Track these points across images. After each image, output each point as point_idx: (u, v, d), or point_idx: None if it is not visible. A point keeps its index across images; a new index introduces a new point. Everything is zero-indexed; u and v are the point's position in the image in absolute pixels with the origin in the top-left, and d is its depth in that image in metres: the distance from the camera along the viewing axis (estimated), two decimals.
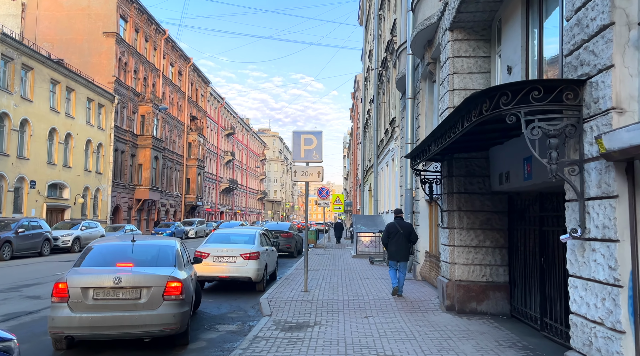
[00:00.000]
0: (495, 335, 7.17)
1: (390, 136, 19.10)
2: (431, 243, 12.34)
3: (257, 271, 11.09)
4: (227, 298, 10.59)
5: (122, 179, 39.40)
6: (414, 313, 8.69)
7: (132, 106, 41.12)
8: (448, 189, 9.06)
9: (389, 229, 10.32)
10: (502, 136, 7.45)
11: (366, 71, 35.05)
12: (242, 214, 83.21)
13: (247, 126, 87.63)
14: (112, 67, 37.68)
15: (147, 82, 44.25)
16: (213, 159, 66.19)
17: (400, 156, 16.24)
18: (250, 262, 11.04)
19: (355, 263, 17.63)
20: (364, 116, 35.67)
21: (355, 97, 52.08)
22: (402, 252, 10.05)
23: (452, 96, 8.91)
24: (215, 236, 12.28)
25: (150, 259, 6.80)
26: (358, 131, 48.91)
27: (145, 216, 44.36)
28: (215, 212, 66.73)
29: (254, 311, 9.30)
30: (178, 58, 52.47)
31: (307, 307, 8.99)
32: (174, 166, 51.28)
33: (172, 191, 50.64)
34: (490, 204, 8.84)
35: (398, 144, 16.63)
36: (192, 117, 56.61)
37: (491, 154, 8.82)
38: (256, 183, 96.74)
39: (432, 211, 12.37)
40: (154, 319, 6.03)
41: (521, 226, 8.24)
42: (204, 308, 9.39)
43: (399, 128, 16.70)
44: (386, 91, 22.01)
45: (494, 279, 8.72)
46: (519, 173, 7.36)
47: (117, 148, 38.30)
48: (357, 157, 51.34)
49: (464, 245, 8.80)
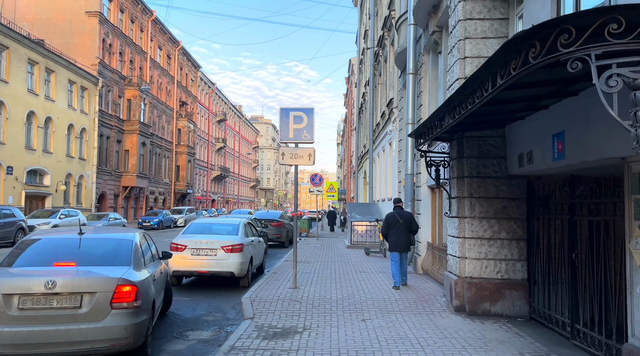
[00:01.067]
0: (518, 344, 6.04)
1: (387, 118, 17.87)
2: (434, 233, 11.19)
3: (240, 265, 9.90)
4: (205, 296, 9.40)
5: (107, 165, 37.95)
6: (418, 314, 7.55)
7: (118, 89, 39.52)
8: (458, 173, 7.88)
9: (388, 219, 9.66)
10: (526, 108, 6.25)
11: (361, 53, 33.68)
12: (235, 202, 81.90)
13: (239, 113, 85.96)
14: (95, 49, 36.02)
15: (134, 65, 42.57)
16: (204, 146, 64.64)
17: (398, 140, 15.04)
18: (232, 255, 9.84)
19: (349, 254, 16.49)
20: (359, 101, 34.38)
21: (349, 82, 50.62)
22: (403, 242, 9.45)
23: (463, 65, 7.69)
24: (195, 226, 11.05)
25: (99, 257, 5.57)
26: (352, 116, 47.61)
27: (133, 204, 43.01)
28: (206, 200, 65.39)
29: (234, 312, 8.12)
30: (166, 41, 50.69)
31: (295, 308, 7.83)
32: (163, 152, 49.79)
33: (161, 178, 49.22)
34: (506, 190, 7.67)
35: (396, 127, 15.42)
36: (181, 102, 54.99)
37: (508, 132, 7.63)
38: (249, 171, 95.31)
39: (435, 198, 11.21)
40: (98, 333, 4.82)
41: (544, 215, 7.09)
42: (177, 308, 8.20)
43: (397, 109, 15.48)
44: (383, 72, 20.73)
45: (510, 276, 7.58)
46: (546, 153, 6.18)
47: (102, 133, 36.78)
48: (351, 144, 50.12)
49: (475, 237, 7.64)
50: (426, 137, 7.19)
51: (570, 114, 5.61)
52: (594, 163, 5.18)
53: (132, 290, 5.07)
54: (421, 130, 7.36)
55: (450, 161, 8.23)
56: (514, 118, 7.06)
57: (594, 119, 5.05)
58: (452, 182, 8.12)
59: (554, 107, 5.99)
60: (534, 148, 6.61)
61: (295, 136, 9.40)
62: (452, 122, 5.45)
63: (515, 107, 6.24)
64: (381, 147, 20.53)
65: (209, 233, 10.58)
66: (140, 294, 5.19)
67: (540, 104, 6.07)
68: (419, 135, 7.67)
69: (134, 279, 5.22)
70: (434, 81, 11.10)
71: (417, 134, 7.72)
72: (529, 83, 4.83)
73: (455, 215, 7.87)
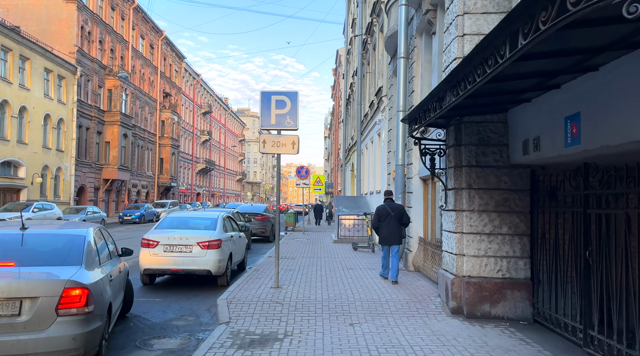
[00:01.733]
0: (524, 352, 5.37)
1: (376, 108, 17.15)
2: (426, 227, 10.53)
3: (218, 262, 9.12)
4: (179, 297, 8.62)
5: (87, 157, 36.73)
6: (411, 317, 6.87)
7: (98, 79, 38.22)
8: (455, 162, 7.19)
9: (380, 212, 9.31)
10: (533, 87, 5.56)
11: (349, 43, 32.89)
12: (220, 195, 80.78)
13: (224, 105, 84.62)
14: (73, 36, 34.69)
15: (115, 54, 41.26)
16: (188, 138, 63.39)
17: (387, 129, 14.34)
18: (209, 252, 9.05)
19: (336, 249, 15.80)
20: (346, 92, 33.63)
21: (336, 74, 49.79)
22: (395, 236, 9.16)
23: (461, 43, 6.98)
24: (169, 220, 10.21)
25: (45, 256, 4.79)
26: (340, 108, 46.85)
27: (115, 197, 41.82)
28: (191, 193, 64.25)
29: (209, 315, 7.36)
30: (149, 30, 49.30)
31: (276, 311, 7.09)
32: (146, 144, 48.54)
33: (144, 171, 48.02)
34: (508, 180, 7.00)
35: (385, 116, 14.71)
36: (165, 93, 53.69)
37: (511, 116, 6.95)
38: (235, 164, 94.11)
39: (427, 190, 10.53)
40: (40, 345, 4.07)
41: (550, 208, 6.43)
42: (145, 311, 7.42)
43: (386, 98, 14.76)
44: (371, 60, 19.99)
45: (512, 275, 6.93)
46: (557, 138, 5.51)
47: (80, 124, 35.53)
48: (338, 136, 49.41)
49: (474, 232, 6.97)
50: (421, 121, 6.47)
51: (587, 93, 4.93)
52: (617, 148, 4.51)
53: (83, 294, 4.31)
54: (416, 114, 6.64)
55: (447, 149, 7.53)
56: (518, 101, 6.37)
57: (619, 96, 4.37)
58: (449, 172, 7.43)
59: (567, 86, 5.31)
60: (542, 134, 5.94)
61: (278, 122, 8.63)
62: (454, 101, 4.73)
63: (522, 86, 5.54)
64: (369, 139, 19.83)
65: (184, 227, 9.77)
66: (93, 298, 4.43)
67: (551, 83, 5.39)
68: (414, 120, 6.96)
69: (85, 281, 4.45)
70: (427, 65, 10.39)
71: (411, 118, 7.00)
72: (541, 53, 4.13)
73: (452, 208, 7.19)
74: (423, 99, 6.10)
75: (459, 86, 4.55)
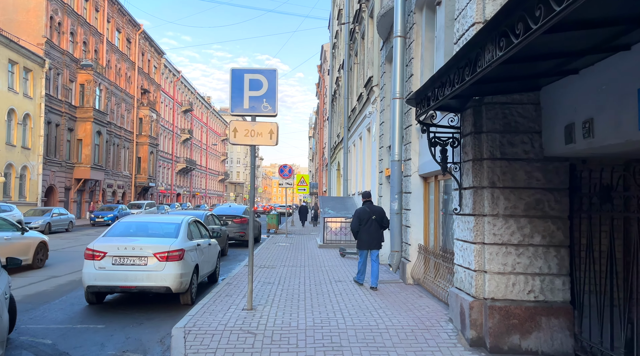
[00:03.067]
0: None
1: (365, 100, 15.66)
2: (427, 233, 9.05)
3: (179, 277, 7.50)
4: (128, 322, 6.98)
5: (57, 156, 34.62)
6: (420, 352, 5.36)
7: (69, 73, 36.12)
8: (474, 154, 5.70)
9: (360, 214, 8.94)
10: (593, 49, 4.10)
11: (334, 36, 31.39)
12: (202, 196, 78.63)
13: (206, 103, 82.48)
14: (42, 27, 32.60)
15: (88, 47, 39.15)
16: (168, 137, 61.28)
17: (379, 123, 12.87)
18: (169, 265, 7.43)
19: (322, 255, 14.26)
20: (332, 88, 32.13)
21: (321, 70, 48.24)
22: (376, 240, 8.89)
23: (481, 4, 5.51)
24: (122, 225, 8.51)
25: None
26: (325, 106, 45.35)
27: (88, 198, 39.67)
28: (171, 194, 62.13)
29: (160, 350, 5.75)
30: (126, 23, 47.18)
31: (247, 345, 5.52)
32: (123, 143, 46.43)
33: (120, 170, 45.90)
34: (541, 177, 5.55)
35: (377, 108, 13.22)
36: (143, 90, 51.56)
37: (546, 95, 5.49)
38: (217, 164, 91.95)
39: (428, 189, 9.06)
40: None
41: (598, 213, 4.99)
42: (77, 345, 5.77)
43: (377, 88, 13.27)
44: (360, 50, 18.51)
45: (547, 298, 5.47)
46: (624, 118, 4.06)
47: (49, 120, 33.42)
48: (323, 135, 47.90)
49: (499, 243, 5.49)
50: (435, 100, 4.97)
51: None
52: None
53: None
54: (427, 91, 5.14)
55: (462, 138, 6.05)
56: (558, 73, 4.91)
57: None
58: (465, 166, 5.94)
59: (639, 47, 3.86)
60: (598, 114, 4.48)
61: (252, 107, 7.05)
62: (501, 56, 3.22)
63: (576, 47, 4.07)
64: (357, 135, 18.34)
65: (140, 235, 8.12)
66: None
67: (618, 43, 3.94)
68: (422, 100, 5.45)
69: None
70: (429, 45, 8.90)
71: (420, 98, 5.50)
72: None
73: (470, 212, 5.70)
74: (436, 72, 4.61)
75: (499, 42, 3.05)
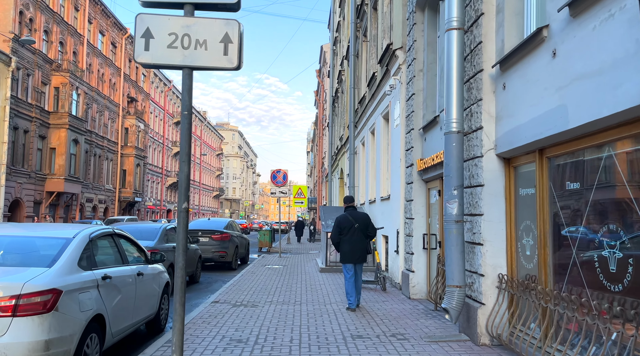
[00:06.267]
0: None
1: (380, 79, 12.04)
2: (513, 254, 5.30)
3: (36, 348, 3.70)
4: None
5: (25, 165, 30.84)
6: None
7: (42, 74, 32.57)
8: None
9: (340, 223, 7.85)
10: None
11: (336, 29, 28.03)
12: (195, 212, 74.62)
13: (200, 116, 79.10)
14: (9, 22, 29.14)
15: (65, 48, 35.70)
16: (158, 149, 57.64)
17: (405, 98, 9.23)
18: (17, 325, 3.64)
19: (325, 283, 10.50)
20: (333, 89, 28.66)
21: (320, 74, 44.86)
22: (359, 252, 7.77)
23: None
24: None
25: None
26: (324, 113, 41.91)
27: (63, 213, 35.73)
28: (160, 210, 58.23)
29: None
30: (110, 26, 43.88)
31: None
32: (105, 154, 42.71)
33: (101, 183, 42.08)
34: None
35: (402, 78, 9.57)
36: (130, 98, 48.08)
37: None
38: (212, 179, 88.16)
39: (513, 179, 5.34)
40: None
41: None
42: None
43: (402, 51, 9.63)
44: (370, 25, 14.97)
45: None
46: None
47: (16, 126, 29.72)
48: (322, 145, 44.36)
49: None
50: None
51: None
52: None
53: None
54: None
55: None
56: None
57: None
58: None
59: None
60: None
61: None
62: None
63: None
64: (369, 129, 14.68)
65: None
66: None
67: None
68: None
69: None
70: None
71: None
72: None
73: None
74: None
75: None
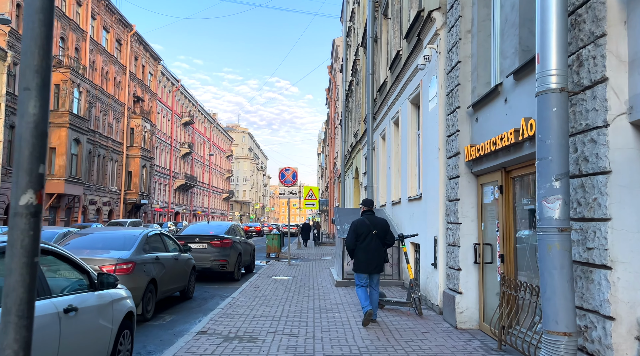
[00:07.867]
0: None
1: (405, 59, 10.13)
2: None
3: None
4: None
5: None
6: None
7: None
8: None
9: (357, 228, 7.03)
10: None
11: (349, 19, 26.17)
12: (204, 215, 73.07)
13: (209, 117, 77.67)
14: (5, 14, 27.69)
15: (66, 44, 34.33)
16: (166, 150, 56.16)
17: (446, 69, 7.36)
18: None
19: (343, 302, 8.59)
20: (346, 83, 26.80)
21: (332, 71, 42.98)
22: (376, 260, 6.94)
23: None
24: None
25: None
26: (336, 111, 40.05)
27: (64, 216, 34.27)
28: (168, 212, 56.71)
29: None
30: (115, 22, 42.48)
31: None
32: (110, 155, 41.26)
33: (106, 185, 40.62)
34: None
35: (441, 46, 7.65)
36: (136, 97, 46.65)
37: None
38: (221, 181, 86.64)
39: None
40: None
41: None
42: None
43: (440, 14, 7.72)
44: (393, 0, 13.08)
45: None
46: None
47: (12, 124, 28.29)
48: (334, 144, 42.50)
49: None
50: None
51: None
52: None
53: None
54: None
55: None
56: None
57: None
58: None
59: None
60: None
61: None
62: None
63: None
64: (391, 119, 12.76)
65: None
66: None
67: None
68: None
69: None
70: None
71: None
72: None
73: None
74: None
75: None
